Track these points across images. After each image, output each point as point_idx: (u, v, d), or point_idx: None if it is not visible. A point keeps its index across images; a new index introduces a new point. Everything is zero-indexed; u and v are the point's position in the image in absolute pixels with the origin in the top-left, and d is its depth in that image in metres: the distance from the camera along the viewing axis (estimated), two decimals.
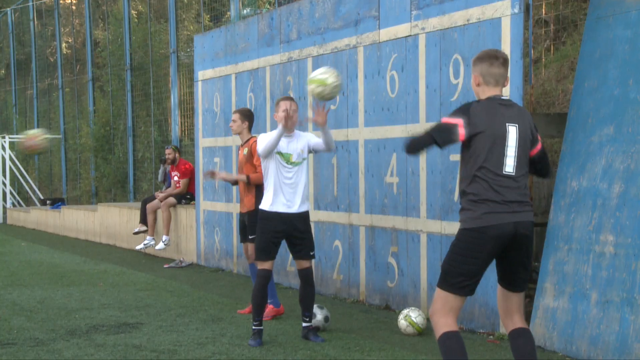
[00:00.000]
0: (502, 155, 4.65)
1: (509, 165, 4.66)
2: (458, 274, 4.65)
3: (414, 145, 4.77)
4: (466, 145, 4.70)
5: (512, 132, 4.70)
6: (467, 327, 7.31)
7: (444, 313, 4.68)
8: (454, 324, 4.68)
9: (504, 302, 4.85)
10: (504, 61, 4.83)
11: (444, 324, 4.66)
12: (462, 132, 4.65)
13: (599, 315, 6.09)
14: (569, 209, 6.61)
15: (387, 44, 8.31)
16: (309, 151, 7.04)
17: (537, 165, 4.90)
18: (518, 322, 4.80)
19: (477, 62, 4.85)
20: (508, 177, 4.65)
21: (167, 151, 13.30)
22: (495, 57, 4.81)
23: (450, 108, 7.47)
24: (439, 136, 4.69)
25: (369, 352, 6.53)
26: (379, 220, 8.43)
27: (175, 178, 13.19)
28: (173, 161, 13.20)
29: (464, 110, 4.69)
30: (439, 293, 4.73)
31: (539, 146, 4.88)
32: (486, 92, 4.80)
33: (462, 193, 4.72)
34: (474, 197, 4.64)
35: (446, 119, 4.71)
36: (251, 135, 8.06)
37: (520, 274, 4.77)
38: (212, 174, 7.95)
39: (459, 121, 4.65)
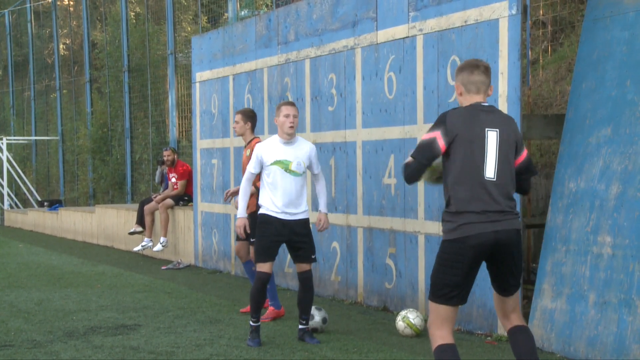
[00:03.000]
0: (481, 161, 4.60)
1: (490, 170, 4.61)
2: (443, 285, 4.67)
3: (408, 175, 4.74)
4: (446, 154, 4.67)
5: (492, 137, 4.64)
6: (465, 329, 7.31)
7: (438, 325, 4.70)
8: (449, 336, 4.69)
9: (499, 304, 4.88)
10: (485, 69, 4.82)
11: (439, 337, 4.69)
12: (441, 143, 4.62)
13: (597, 317, 6.09)
14: (566, 210, 6.61)
15: (385, 45, 8.31)
16: (308, 166, 7.01)
17: (520, 176, 4.79)
18: (515, 320, 4.82)
19: (459, 72, 4.86)
20: (489, 182, 4.59)
21: (165, 153, 13.23)
22: (476, 66, 4.82)
23: (447, 109, 7.45)
24: (421, 156, 4.68)
25: (366, 353, 6.53)
26: (377, 222, 8.43)
27: (173, 180, 13.17)
28: (172, 163, 13.17)
29: (441, 120, 4.69)
30: (431, 305, 4.76)
31: (523, 155, 4.80)
32: (468, 100, 4.80)
33: (446, 203, 4.71)
34: (454, 207, 4.62)
35: (425, 135, 4.70)
36: (254, 136, 8.05)
37: (509, 280, 4.76)
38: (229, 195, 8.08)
39: (436, 134, 4.64)
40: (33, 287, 10.19)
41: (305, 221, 6.97)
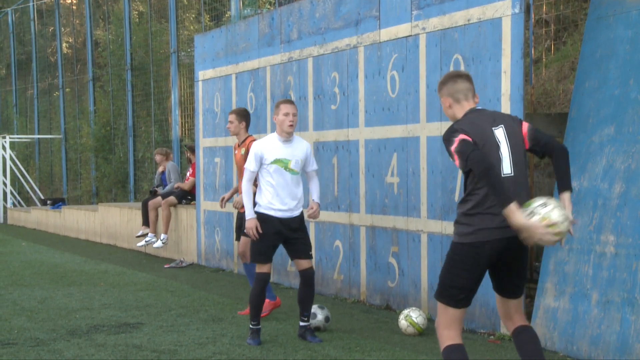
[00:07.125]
0: (497, 159, 4.59)
1: (506, 166, 4.62)
2: (452, 287, 4.66)
3: (478, 161, 4.49)
4: None
5: (500, 134, 4.66)
6: (468, 327, 7.31)
7: (446, 325, 4.71)
8: (457, 337, 4.70)
9: (502, 306, 4.87)
10: (467, 77, 4.86)
11: (447, 337, 4.70)
12: (469, 139, 4.59)
13: (600, 316, 6.09)
14: None
15: (388, 44, 8.31)
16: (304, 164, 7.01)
17: (537, 142, 4.69)
18: (518, 321, 4.82)
19: (441, 86, 4.86)
20: (507, 179, 4.59)
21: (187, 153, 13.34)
22: (458, 75, 4.86)
23: None
24: (466, 148, 4.51)
25: (369, 352, 6.53)
26: (380, 220, 8.43)
27: (187, 174, 13.24)
28: (190, 161, 13.24)
29: (453, 130, 4.62)
30: (439, 305, 4.76)
31: (524, 127, 4.71)
32: (460, 110, 4.79)
33: (462, 202, 4.67)
34: (471, 210, 4.60)
35: (453, 145, 4.57)
36: (248, 135, 8.06)
37: (515, 281, 4.77)
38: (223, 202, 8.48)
39: (461, 136, 4.56)
40: (36, 286, 10.21)
41: (301, 218, 6.98)
